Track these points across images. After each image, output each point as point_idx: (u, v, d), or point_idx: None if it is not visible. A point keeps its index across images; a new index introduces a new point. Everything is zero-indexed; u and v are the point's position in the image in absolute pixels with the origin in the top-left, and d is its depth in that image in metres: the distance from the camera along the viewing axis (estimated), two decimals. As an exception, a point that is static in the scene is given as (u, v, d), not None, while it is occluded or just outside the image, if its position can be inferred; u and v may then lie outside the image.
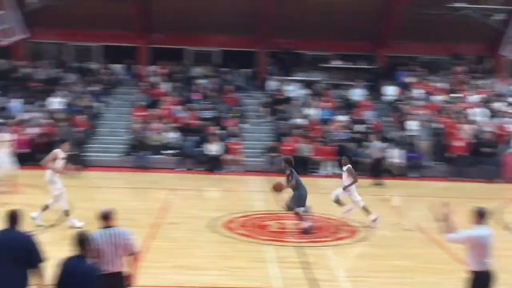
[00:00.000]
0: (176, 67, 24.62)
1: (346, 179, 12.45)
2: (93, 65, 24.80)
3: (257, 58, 25.39)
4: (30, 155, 18.22)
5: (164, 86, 23.40)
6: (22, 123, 20.13)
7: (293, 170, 11.68)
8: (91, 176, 18.02)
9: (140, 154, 19.80)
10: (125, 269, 6.24)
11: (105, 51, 25.32)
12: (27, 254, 5.70)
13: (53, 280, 5.52)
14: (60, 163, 11.47)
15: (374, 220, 12.24)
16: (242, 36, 24.45)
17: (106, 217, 6.24)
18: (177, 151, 20.07)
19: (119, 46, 25.20)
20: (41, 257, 5.76)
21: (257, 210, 13.84)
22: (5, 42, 20.62)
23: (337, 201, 12.68)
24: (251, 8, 22.82)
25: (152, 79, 23.96)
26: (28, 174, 15.78)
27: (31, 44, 24.40)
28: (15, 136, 17.99)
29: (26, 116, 20.70)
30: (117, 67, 24.79)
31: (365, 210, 12.40)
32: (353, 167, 12.68)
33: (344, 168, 12.56)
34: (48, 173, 11.43)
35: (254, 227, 12.10)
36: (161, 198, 15.15)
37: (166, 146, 20.24)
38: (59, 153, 11.50)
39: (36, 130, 19.75)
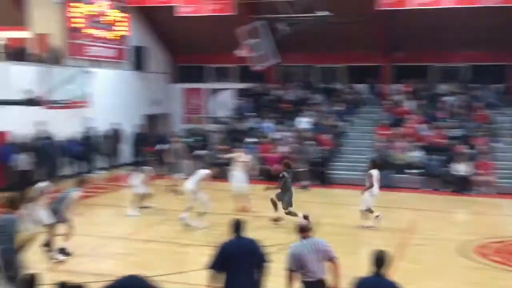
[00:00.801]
0: (420, 85, 24.05)
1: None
2: (338, 85, 25.55)
3: (510, 72, 23.50)
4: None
5: (408, 104, 23.02)
6: (273, 142, 21.58)
7: (286, 174, 13.06)
8: (336, 193, 18.49)
9: (383, 173, 19.70)
10: (327, 275, 6.57)
11: (349, 71, 25.90)
12: (258, 256, 6.40)
13: None
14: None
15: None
16: (492, 50, 22.90)
17: (304, 230, 6.72)
18: (422, 170, 19.52)
19: (362, 66, 25.54)
20: (267, 258, 6.47)
21: (512, 236, 12.76)
22: (260, 67, 22.42)
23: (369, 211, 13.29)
24: (500, 20, 21.22)
25: (396, 97, 23.76)
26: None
27: (281, 68, 26.16)
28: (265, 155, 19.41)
29: (277, 135, 22.15)
30: (361, 87, 25.15)
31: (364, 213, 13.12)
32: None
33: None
34: (191, 185, 12.92)
35: (511, 254, 11.15)
36: (406, 218, 14.88)
37: (411, 165, 19.82)
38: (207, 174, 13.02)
39: (285, 149, 20.98)
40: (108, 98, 22.06)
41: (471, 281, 9.63)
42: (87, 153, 20.85)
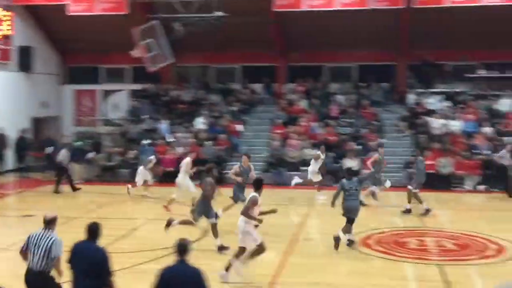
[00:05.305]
0: (314, 84, 24.74)
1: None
2: (234, 86, 25.71)
3: (396, 71, 24.75)
4: (177, 174, 19.18)
5: (302, 103, 23.62)
6: (169, 143, 21.35)
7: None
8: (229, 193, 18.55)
9: (278, 171, 20.11)
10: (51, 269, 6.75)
11: (245, 71, 26.15)
12: (100, 266, 6.17)
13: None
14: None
15: None
16: (380, 50, 24.00)
17: (48, 222, 6.86)
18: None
19: (258, 66, 25.86)
20: (111, 271, 6.22)
21: (395, 226, 13.42)
22: (155, 67, 22.09)
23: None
24: (388, 22, 22.30)
25: (290, 96, 24.29)
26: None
27: (177, 68, 25.94)
28: (161, 156, 19.14)
29: (172, 136, 21.92)
30: (256, 87, 25.47)
31: None
32: None
33: None
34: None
35: (393, 244, 11.74)
36: (299, 214, 15.26)
37: (304, 163, 20.35)
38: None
39: (182, 150, 20.81)
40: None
41: (358, 271, 10.01)
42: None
